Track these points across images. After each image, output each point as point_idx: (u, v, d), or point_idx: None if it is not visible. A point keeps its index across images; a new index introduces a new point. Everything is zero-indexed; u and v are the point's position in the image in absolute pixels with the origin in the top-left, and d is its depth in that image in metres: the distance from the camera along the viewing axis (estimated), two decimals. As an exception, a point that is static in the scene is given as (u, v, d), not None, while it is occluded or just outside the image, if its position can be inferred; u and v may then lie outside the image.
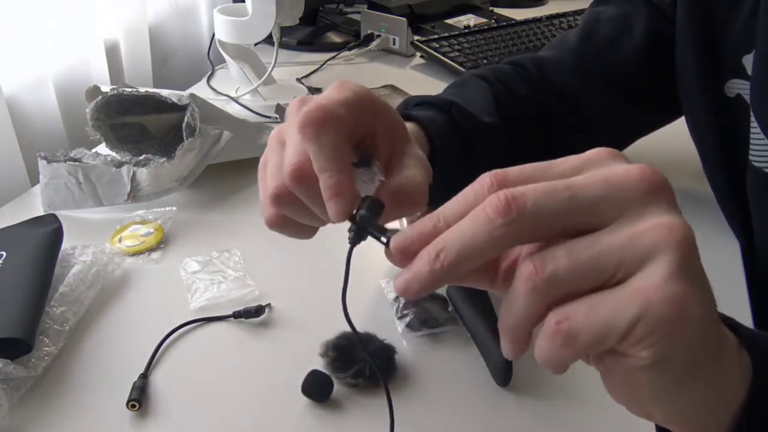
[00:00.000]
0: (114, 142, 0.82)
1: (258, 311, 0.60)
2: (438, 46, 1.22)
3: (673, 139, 0.77)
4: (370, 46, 1.30)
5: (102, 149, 0.83)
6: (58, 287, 0.60)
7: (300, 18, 1.03)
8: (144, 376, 0.53)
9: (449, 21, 1.44)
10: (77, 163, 0.74)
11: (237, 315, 0.59)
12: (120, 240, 0.70)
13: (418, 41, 1.24)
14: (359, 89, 0.40)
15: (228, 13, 1.03)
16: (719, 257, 0.67)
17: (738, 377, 0.31)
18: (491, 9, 1.53)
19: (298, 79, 1.14)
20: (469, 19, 1.45)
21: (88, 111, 0.79)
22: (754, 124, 0.59)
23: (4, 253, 0.62)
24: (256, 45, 1.13)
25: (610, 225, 0.28)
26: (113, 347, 0.57)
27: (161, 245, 0.70)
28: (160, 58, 1.18)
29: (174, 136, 0.83)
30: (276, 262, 0.67)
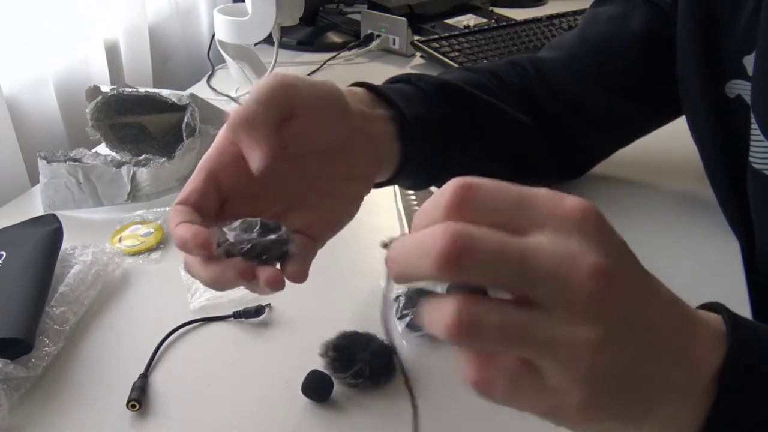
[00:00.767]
0: (114, 142, 0.82)
1: (258, 311, 0.60)
2: (438, 46, 1.22)
3: (674, 139, 0.77)
4: (370, 46, 1.30)
5: (102, 149, 0.83)
6: (58, 287, 0.60)
7: (300, 18, 1.03)
8: (144, 376, 0.53)
9: (449, 21, 1.44)
10: (77, 163, 0.74)
11: (237, 315, 0.59)
12: (120, 240, 0.70)
13: (418, 41, 1.24)
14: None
15: (228, 13, 1.03)
16: (719, 257, 0.67)
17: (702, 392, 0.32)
18: (491, 9, 1.53)
19: (298, 79, 1.14)
20: (469, 19, 1.45)
21: (88, 111, 0.79)
22: (754, 125, 0.59)
23: (4, 253, 0.62)
24: (256, 45, 1.14)
25: (546, 308, 0.29)
26: (113, 347, 0.57)
27: (161, 245, 0.70)
28: (160, 58, 1.18)
29: (174, 136, 0.83)
30: (276, 262, 0.67)
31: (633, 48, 0.71)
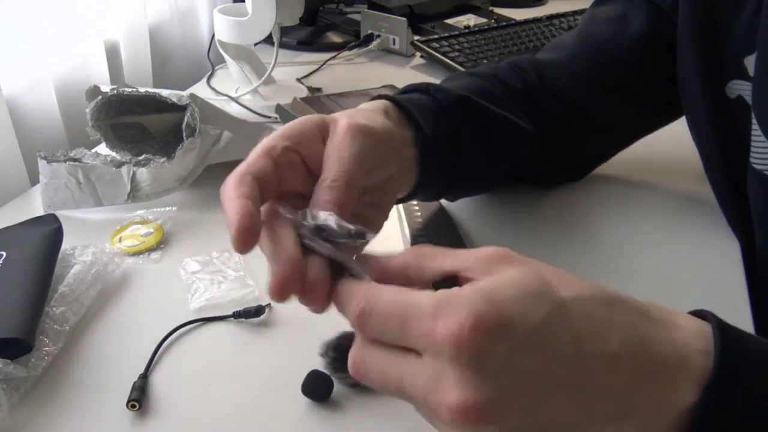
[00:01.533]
0: (114, 142, 0.82)
1: (258, 311, 0.59)
2: (438, 46, 1.22)
3: (674, 139, 0.77)
4: (370, 46, 1.30)
5: (102, 149, 0.83)
6: (58, 287, 0.60)
7: (300, 18, 1.03)
8: (144, 376, 0.53)
9: (449, 21, 1.44)
10: (77, 163, 0.74)
11: (237, 315, 0.59)
12: (120, 240, 0.70)
13: (418, 41, 1.24)
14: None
15: (228, 13, 1.03)
16: (719, 257, 0.67)
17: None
18: (491, 9, 1.53)
19: (298, 79, 1.14)
20: (469, 19, 1.45)
21: (88, 111, 0.79)
22: (755, 125, 0.59)
23: (4, 253, 0.62)
24: (256, 45, 1.14)
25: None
26: (113, 347, 0.57)
27: (161, 245, 0.70)
28: (160, 58, 1.18)
29: (174, 136, 0.83)
30: (276, 262, 0.67)
31: (633, 49, 0.71)
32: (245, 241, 0.36)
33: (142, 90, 0.79)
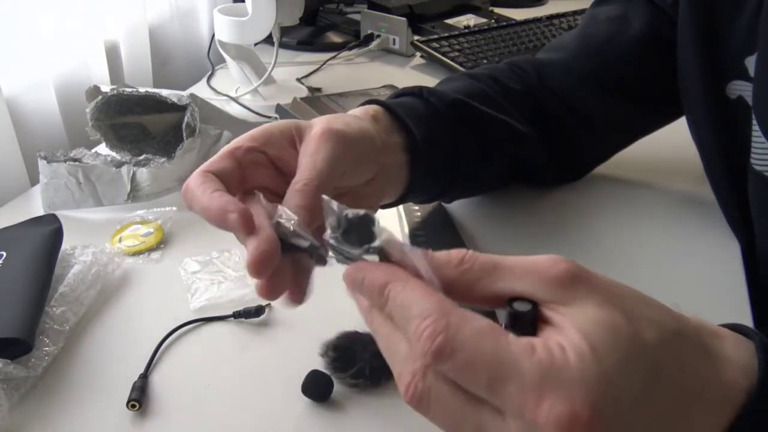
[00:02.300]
0: (114, 142, 0.82)
1: (258, 311, 0.59)
2: (438, 46, 1.22)
3: (675, 140, 0.77)
4: (370, 46, 1.30)
5: (102, 149, 0.83)
6: (58, 287, 0.60)
7: (300, 18, 1.03)
8: (144, 376, 0.53)
9: (449, 21, 1.44)
10: (77, 163, 0.74)
11: (237, 315, 0.59)
12: (120, 240, 0.70)
13: (418, 41, 1.24)
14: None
15: (228, 13, 1.03)
16: (719, 257, 0.67)
17: None
18: (491, 9, 1.53)
19: (298, 79, 1.14)
20: (469, 19, 1.45)
21: (88, 111, 0.79)
22: (755, 126, 0.59)
23: (4, 253, 0.62)
24: (256, 45, 1.14)
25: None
26: (113, 347, 0.57)
27: (161, 245, 0.70)
28: (160, 58, 1.18)
29: (174, 136, 0.83)
30: (276, 262, 0.67)
31: (633, 49, 0.71)
32: (247, 224, 0.38)
33: (142, 90, 0.79)
